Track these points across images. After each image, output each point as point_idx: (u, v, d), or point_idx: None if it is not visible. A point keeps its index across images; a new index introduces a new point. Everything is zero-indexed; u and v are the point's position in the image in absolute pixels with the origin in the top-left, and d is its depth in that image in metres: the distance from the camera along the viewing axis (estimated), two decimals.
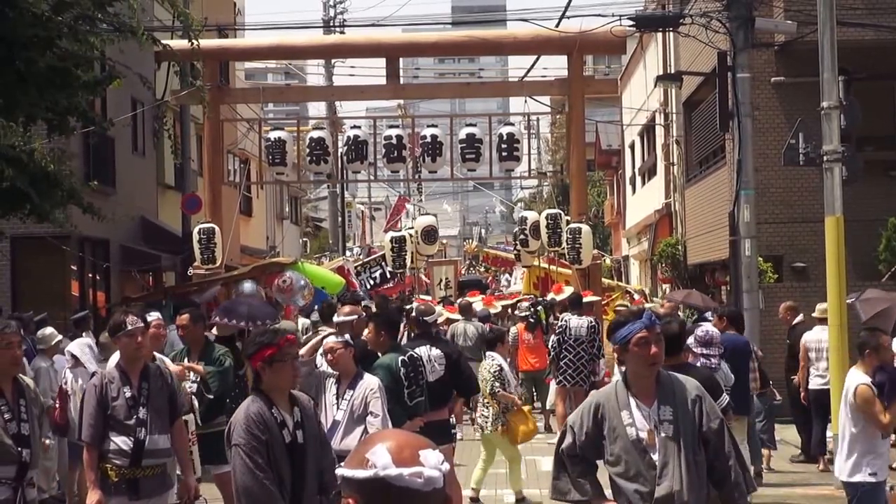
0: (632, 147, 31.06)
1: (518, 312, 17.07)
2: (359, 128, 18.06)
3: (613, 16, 16.35)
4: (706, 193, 20.00)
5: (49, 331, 10.67)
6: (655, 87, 23.83)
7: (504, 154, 17.33)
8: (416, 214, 37.43)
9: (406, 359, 7.88)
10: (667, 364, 5.94)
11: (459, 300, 17.90)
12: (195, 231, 16.79)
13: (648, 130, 28.16)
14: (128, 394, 6.57)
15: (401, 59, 18.96)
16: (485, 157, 17.80)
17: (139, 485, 6.55)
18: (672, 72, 21.50)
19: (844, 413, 7.16)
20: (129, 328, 6.62)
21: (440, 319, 13.13)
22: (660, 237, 24.94)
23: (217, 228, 16.71)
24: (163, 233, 20.75)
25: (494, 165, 18.48)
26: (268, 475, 5.00)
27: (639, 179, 30.10)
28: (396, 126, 18.83)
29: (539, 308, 16.29)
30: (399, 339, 10.10)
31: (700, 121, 20.85)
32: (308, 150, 17.83)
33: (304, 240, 43.31)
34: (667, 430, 4.78)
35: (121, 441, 6.52)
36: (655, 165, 27.13)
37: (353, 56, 20.41)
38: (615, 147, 34.28)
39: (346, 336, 7.37)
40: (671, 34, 21.65)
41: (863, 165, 12.73)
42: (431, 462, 2.06)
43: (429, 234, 20.21)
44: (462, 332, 15.31)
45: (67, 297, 16.70)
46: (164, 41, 13.38)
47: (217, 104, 17.61)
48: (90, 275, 18.29)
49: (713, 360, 9.12)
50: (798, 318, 13.35)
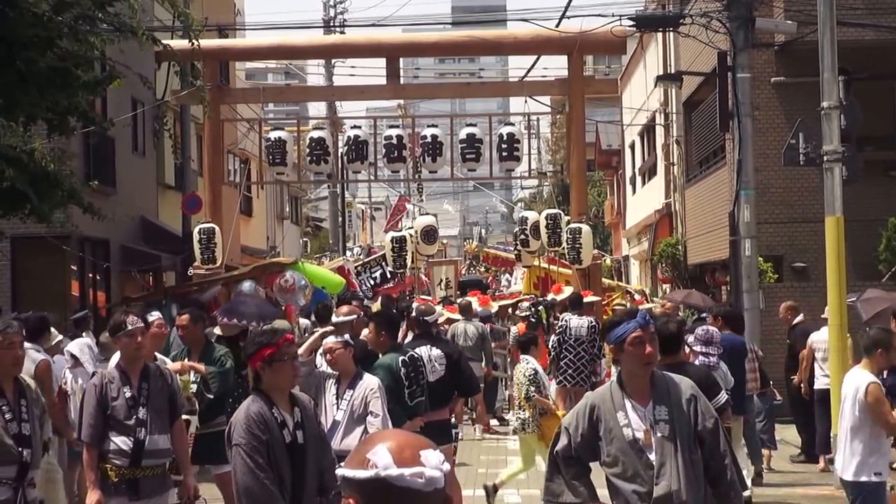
0: (632, 147, 31.07)
1: (519, 312, 17.07)
2: (359, 128, 18.06)
3: (613, 16, 16.37)
4: (706, 193, 20.00)
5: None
6: (655, 87, 23.84)
7: (504, 154, 17.33)
8: (417, 214, 37.41)
9: (406, 359, 7.88)
10: (665, 363, 5.95)
11: (460, 300, 17.90)
12: (195, 231, 16.79)
13: (648, 130, 28.16)
14: (128, 394, 6.57)
15: (401, 59, 18.97)
16: (485, 157, 17.80)
17: (139, 485, 6.55)
18: (672, 72, 21.50)
19: (851, 412, 7.05)
20: (130, 328, 6.62)
21: (440, 319, 13.12)
22: (660, 237, 24.94)
23: (217, 228, 16.70)
24: (163, 233, 20.75)
25: (494, 165, 18.48)
26: (268, 475, 5.00)
27: (639, 179, 30.10)
28: (397, 126, 18.83)
29: (540, 308, 16.29)
30: (402, 340, 10.12)
31: (700, 121, 20.85)
32: (308, 150, 17.83)
33: (305, 240, 43.30)
34: (663, 430, 4.78)
35: (121, 441, 6.51)
36: (655, 165, 27.13)
37: (354, 56, 20.42)
38: (615, 147, 34.28)
39: (346, 336, 7.37)
40: (671, 34, 21.66)
41: (863, 165, 12.73)
42: (432, 462, 2.06)
43: (429, 234, 20.21)
44: (462, 332, 15.30)
45: (67, 297, 16.70)
46: (165, 41, 13.38)
47: (217, 104, 17.61)
48: (90, 275, 18.29)
49: (712, 359, 9.22)
50: (798, 318, 13.35)
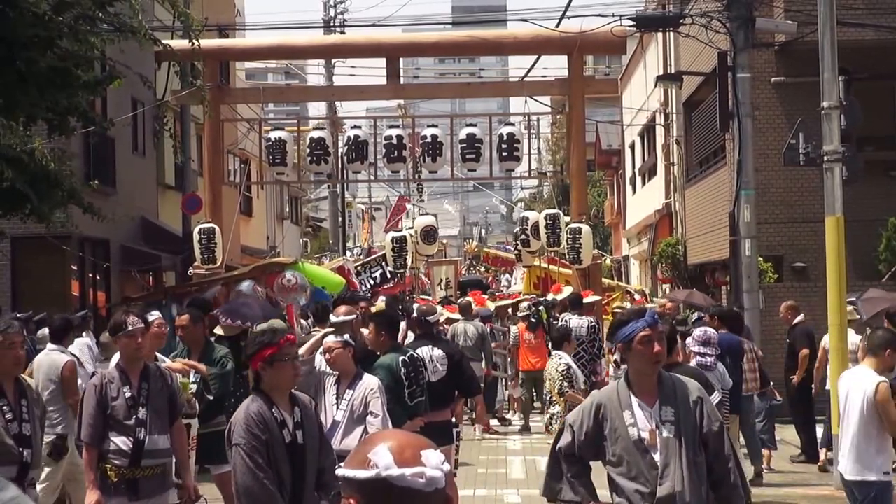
0: (632, 147, 31.06)
1: (519, 312, 17.08)
2: (359, 128, 18.06)
3: (614, 16, 16.39)
4: (706, 193, 20.00)
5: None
6: (656, 87, 23.84)
7: (504, 154, 17.33)
8: (417, 214, 37.42)
9: (406, 359, 7.87)
10: None
11: (460, 300, 17.91)
12: (195, 231, 16.79)
13: (649, 130, 28.15)
14: (127, 394, 6.57)
15: (401, 59, 18.98)
16: (485, 157, 17.80)
17: (138, 485, 6.54)
18: (672, 72, 21.51)
19: (859, 411, 6.99)
20: (130, 328, 6.61)
21: (441, 319, 13.12)
22: (660, 237, 24.94)
23: (217, 228, 16.71)
24: (163, 233, 20.75)
25: (495, 165, 18.48)
26: (268, 475, 5.00)
27: (639, 179, 30.10)
28: (397, 126, 18.84)
29: (541, 308, 16.29)
30: (403, 340, 10.11)
31: (700, 121, 20.85)
32: (308, 150, 17.84)
33: (305, 240, 43.29)
34: (668, 431, 4.78)
35: (120, 441, 6.51)
36: (656, 165, 27.13)
37: (354, 56, 20.42)
38: (615, 147, 34.27)
39: (346, 336, 7.36)
40: (671, 34, 21.66)
41: (863, 165, 12.72)
42: (433, 462, 2.06)
43: (429, 234, 20.21)
44: (462, 332, 15.30)
45: (67, 297, 16.69)
46: (165, 41, 13.38)
47: (217, 104, 17.60)
48: (90, 275, 18.29)
49: (710, 360, 9.29)
50: (798, 318, 13.34)
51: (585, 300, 14.78)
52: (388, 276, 21.04)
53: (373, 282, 20.92)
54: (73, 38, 10.71)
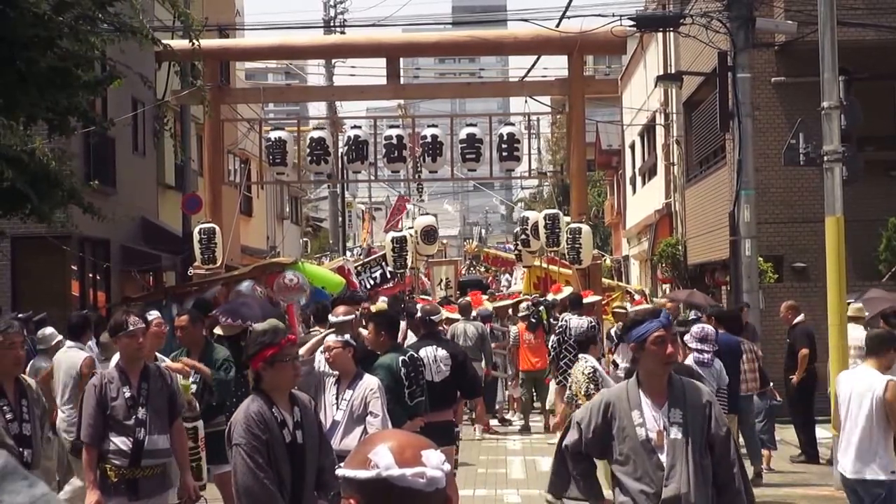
0: (632, 147, 31.07)
1: (519, 312, 17.08)
2: (359, 128, 18.06)
3: (614, 16, 16.38)
4: (706, 193, 20.00)
5: (49, 331, 10.66)
6: (656, 87, 23.84)
7: (504, 154, 17.33)
8: (417, 214, 37.41)
9: (406, 359, 7.87)
10: None
11: (460, 300, 17.90)
12: (195, 231, 16.79)
13: (649, 130, 28.15)
14: (127, 394, 6.57)
15: (401, 59, 18.96)
16: (485, 157, 17.80)
17: (138, 485, 6.55)
18: (672, 72, 21.51)
19: (868, 410, 6.97)
20: (130, 328, 6.61)
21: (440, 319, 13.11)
22: (660, 237, 24.94)
23: (217, 228, 16.70)
24: (163, 233, 20.75)
25: (495, 165, 18.48)
26: (268, 475, 5.00)
27: (639, 179, 30.11)
28: (397, 126, 18.83)
29: (540, 308, 16.29)
30: (403, 340, 10.10)
31: (700, 121, 20.85)
32: (308, 150, 17.83)
33: (305, 240, 43.29)
34: (676, 433, 4.78)
35: (120, 441, 6.51)
36: (656, 165, 27.13)
37: (354, 56, 20.42)
38: (615, 147, 34.28)
39: (346, 336, 7.35)
40: (671, 34, 21.66)
41: (863, 165, 12.73)
42: (433, 462, 2.05)
43: (428, 234, 20.21)
44: (462, 332, 15.31)
45: (67, 297, 16.70)
46: (165, 41, 13.38)
47: (217, 104, 17.59)
48: (90, 275, 18.29)
49: (706, 356, 9.33)
50: (798, 318, 13.34)
51: (585, 300, 14.77)
52: (388, 277, 21.03)
53: (373, 282, 20.92)
54: (74, 38, 10.71)
